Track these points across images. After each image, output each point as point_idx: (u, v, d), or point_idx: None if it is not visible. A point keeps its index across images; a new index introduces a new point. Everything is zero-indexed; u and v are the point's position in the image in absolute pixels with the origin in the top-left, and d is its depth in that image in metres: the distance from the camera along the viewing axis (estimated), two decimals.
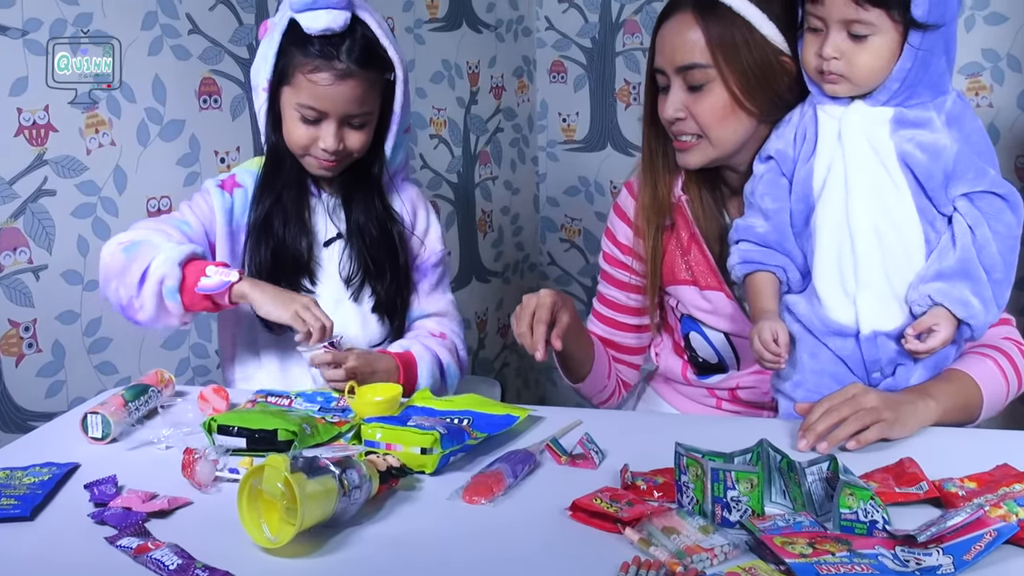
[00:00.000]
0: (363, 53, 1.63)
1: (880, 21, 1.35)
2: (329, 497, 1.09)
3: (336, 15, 1.61)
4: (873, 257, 1.39)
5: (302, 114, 1.65)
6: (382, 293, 1.75)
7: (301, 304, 1.57)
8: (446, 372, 1.77)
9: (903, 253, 1.39)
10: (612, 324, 1.78)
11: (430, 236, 1.83)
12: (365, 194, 1.75)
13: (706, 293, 1.65)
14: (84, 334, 1.98)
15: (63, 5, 1.88)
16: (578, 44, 3.18)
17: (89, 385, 1.98)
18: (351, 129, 1.67)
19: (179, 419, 1.46)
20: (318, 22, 1.60)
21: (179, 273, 1.57)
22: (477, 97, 2.99)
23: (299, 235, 1.71)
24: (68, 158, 1.93)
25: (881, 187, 1.38)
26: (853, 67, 1.37)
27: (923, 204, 1.38)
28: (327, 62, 1.61)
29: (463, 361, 1.82)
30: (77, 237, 1.95)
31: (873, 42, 1.36)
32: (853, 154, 1.39)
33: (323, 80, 1.62)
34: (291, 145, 1.68)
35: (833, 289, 1.41)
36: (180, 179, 2.12)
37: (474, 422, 1.39)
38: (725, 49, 1.49)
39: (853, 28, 1.36)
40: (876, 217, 1.38)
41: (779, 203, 1.46)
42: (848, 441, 1.29)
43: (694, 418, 1.67)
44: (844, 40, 1.37)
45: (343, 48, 1.62)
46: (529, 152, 3.25)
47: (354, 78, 1.63)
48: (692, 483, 1.13)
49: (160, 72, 2.06)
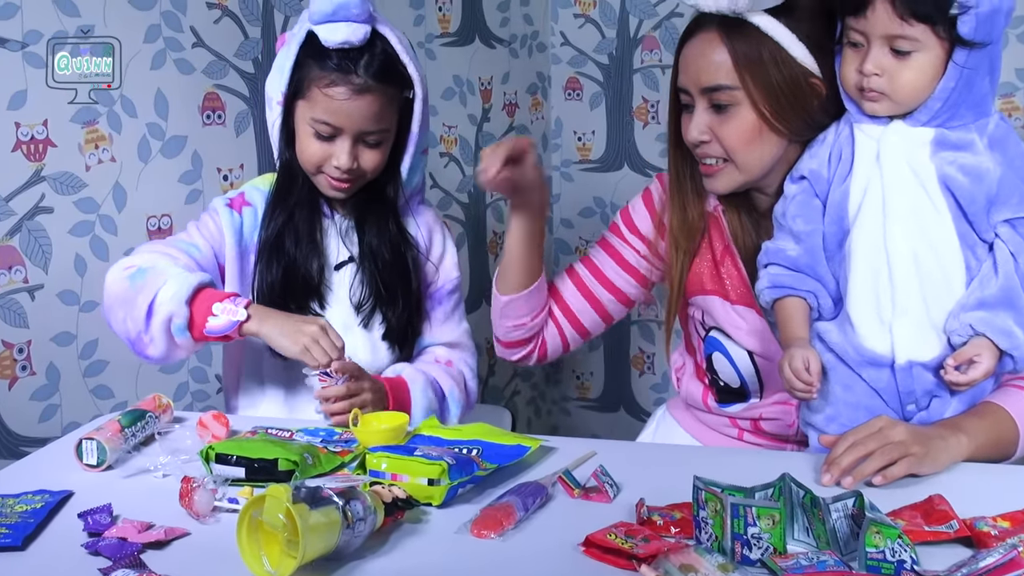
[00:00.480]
0: (381, 68, 1.64)
1: (925, 37, 1.34)
2: (332, 529, 1.09)
3: (356, 28, 1.62)
4: (911, 283, 1.38)
5: (316, 129, 1.65)
6: (393, 320, 1.75)
7: (310, 337, 1.56)
8: (447, 398, 1.76)
9: (942, 279, 1.38)
10: (585, 293, 1.78)
11: (445, 262, 1.83)
12: (379, 216, 1.75)
13: (736, 308, 1.65)
14: (80, 357, 1.98)
15: (64, 17, 1.90)
16: (594, 60, 3.20)
17: (84, 410, 1.98)
18: (366, 147, 1.68)
19: (177, 446, 1.46)
20: (337, 35, 1.62)
21: (186, 311, 1.58)
22: (489, 114, 3.01)
23: (310, 256, 1.71)
24: (66, 174, 1.94)
25: (920, 210, 1.38)
26: (895, 85, 1.37)
27: (964, 229, 1.38)
28: (344, 76, 1.62)
29: (471, 392, 1.81)
30: (74, 256, 1.96)
31: (917, 59, 1.35)
32: (892, 176, 1.39)
33: (339, 94, 1.63)
34: (303, 162, 1.69)
35: (868, 316, 1.41)
36: (181, 197, 2.13)
37: (483, 452, 1.39)
38: (752, 69, 1.50)
39: (896, 44, 1.35)
40: (915, 241, 1.38)
41: (812, 225, 1.46)
42: (875, 476, 1.29)
43: (714, 450, 1.66)
44: (886, 56, 1.36)
45: (361, 62, 1.63)
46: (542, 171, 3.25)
47: (371, 93, 1.64)
48: (711, 519, 1.12)
49: (162, 86, 2.07)
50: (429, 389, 1.72)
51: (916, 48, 1.35)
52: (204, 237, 1.70)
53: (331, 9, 1.61)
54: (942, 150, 1.38)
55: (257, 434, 1.50)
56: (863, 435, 1.31)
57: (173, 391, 2.14)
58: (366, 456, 1.32)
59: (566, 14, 3.20)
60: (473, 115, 2.95)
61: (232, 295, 1.61)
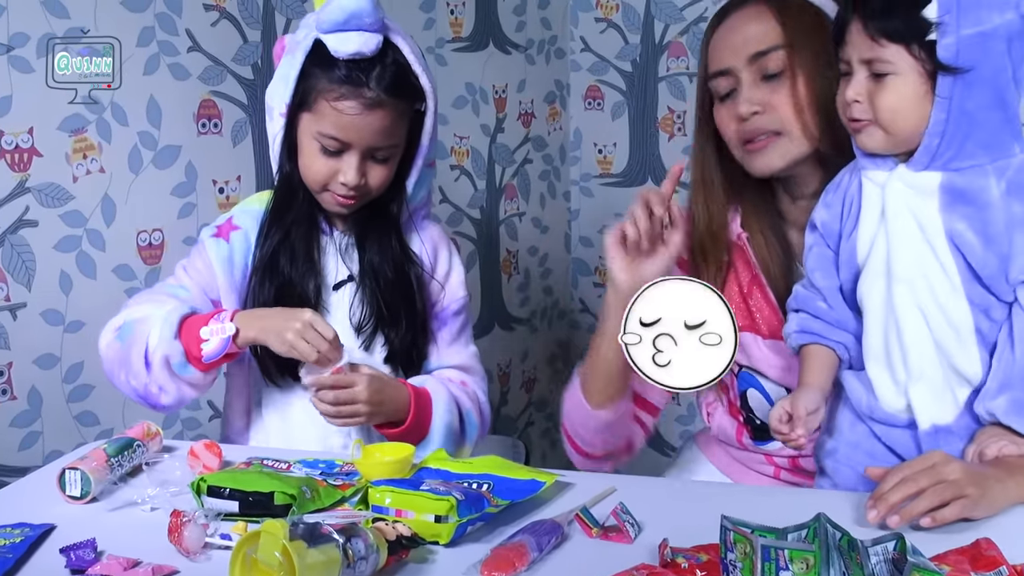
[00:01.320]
0: (394, 81, 1.65)
1: (899, 59, 1.33)
2: (331, 568, 1.09)
3: (368, 38, 1.63)
4: (923, 346, 1.37)
5: (323, 144, 1.66)
6: (396, 342, 1.75)
7: (295, 333, 1.59)
8: (465, 419, 1.76)
9: (956, 343, 1.37)
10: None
11: (451, 280, 1.83)
12: (381, 233, 1.76)
13: (769, 343, 1.65)
14: (64, 380, 1.99)
15: (53, 19, 1.92)
16: (617, 68, 3.21)
17: (68, 437, 1.99)
18: (374, 163, 1.69)
19: (166, 477, 1.46)
20: (348, 45, 1.62)
21: (179, 347, 1.62)
22: (504, 124, 3.02)
23: (307, 276, 1.72)
24: (52, 186, 1.95)
25: (928, 271, 1.36)
26: (876, 110, 1.36)
27: (976, 292, 1.35)
28: (355, 89, 1.63)
29: (485, 416, 1.82)
30: (60, 273, 1.97)
31: (894, 82, 1.34)
32: (897, 232, 1.37)
33: (349, 109, 1.63)
34: (308, 179, 1.69)
35: (884, 378, 1.41)
36: (174, 211, 2.14)
37: (495, 487, 1.39)
38: (805, 33, 1.55)
39: (874, 67, 1.36)
40: (923, 303, 1.36)
41: (829, 280, 1.47)
42: (923, 518, 1.27)
43: (743, 488, 1.66)
44: (866, 80, 1.37)
45: (373, 74, 1.64)
46: (561, 186, 3.26)
47: (383, 108, 1.65)
48: (740, 562, 1.12)
49: (156, 93, 2.09)
50: (453, 405, 1.74)
51: (893, 70, 1.34)
52: (191, 277, 1.73)
53: (343, 18, 1.61)
54: (951, 201, 1.34)
55: (252, 465, 1.50)
56: (915, 470, 1.30)
57: (163, 419, 2.15)
58: (369, 490, 1.32)
59: (587, 18, 3.21)
60: (486, 125, 2.96)
61: (215, 313, 1.64)
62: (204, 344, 1.61)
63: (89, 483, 1.41)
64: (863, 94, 1.37)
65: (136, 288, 2.07)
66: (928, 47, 1.31)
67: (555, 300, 3.29)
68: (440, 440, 1.69)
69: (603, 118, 3.24)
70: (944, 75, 1.31)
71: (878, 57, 1.34)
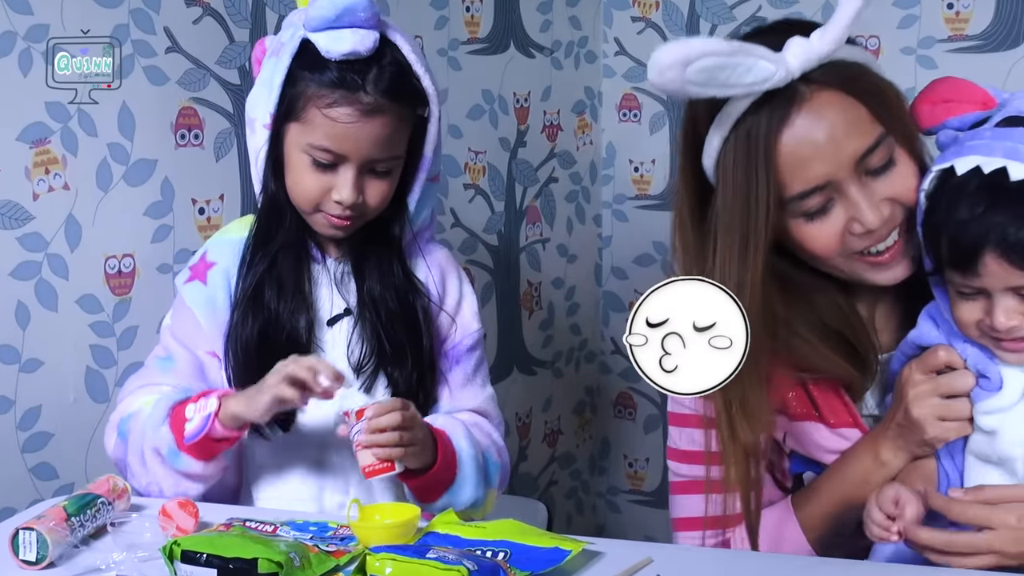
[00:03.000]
0: (394, 83, 1.66)
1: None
2: None
3: (364, 35, 1.64)
4: None
5: (314, 157, 1.67)
6: (401, 382, 1.75)
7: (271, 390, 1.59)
8: (487, 458, 1.75)
9: None
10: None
11: (463, 312, 1.84)
12: (381, 258, 1.77)
13: (840, 432, 1.63)
14: (18, 427, 2.00)
15: (13, 15, 1.94)
16: None
17: (22, 493, 1.99)
18: (373, 177, 1.69)
19: (134, 540, 1.46)
20: (341, 44, 1.64)
21: (168, 434, 1.65)
22: (526, 138, 3.03)
23: (297, 310, 1.73)
24: (9, 204, 1.97)
25: None
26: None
27: None
28: (350, 94, 1.64)
29: (505, 460, 1.81)
30: (16, 303, 1.98)
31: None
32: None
33: (344, 116, 1.64)
34: (298, 198, 1.70)
35: None
36: (148, 233, 2.15)
37: (512, 556, 1.39)
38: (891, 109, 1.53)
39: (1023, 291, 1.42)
40: None
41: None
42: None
43: (793, 560, 1.65)
44: (1017, 303, 1.42)
45: (370, 76, 1.65)
46: (590, 209, 3.27)
47: (382, 114, 1.66)
48: None
49: (128, 99, 2.10)
50: (472, 437, 1.73)
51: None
52: (178, 340, 1.76)
53: (334, 14, 1.63)
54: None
55: (233, 527, 1.50)
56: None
57: None
58: (366, 557, 1.32)
59: (622, 17, 3.23)
60: (506, 139, 2.97)
61: (205, 393, 1.66)
62: (187, 423, 1.63)
63: (46, 546, 1.41)
64: (1017, 317, 1.42)
65: (103, 323, 2.08)
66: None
67: (583, 340, 3.29)
68: (472, 478, 1.69)
69: (640, 131, 3.25)
70: None
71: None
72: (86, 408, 2.07)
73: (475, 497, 1.71)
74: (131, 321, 2.12)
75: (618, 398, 3.30)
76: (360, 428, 1.58)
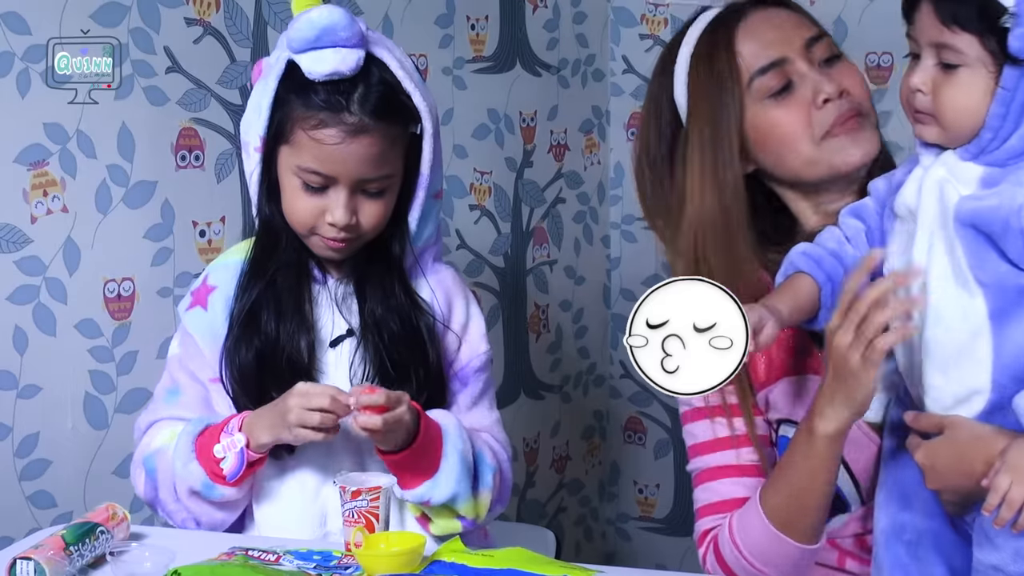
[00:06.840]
0: (381, 102, 1.67)
1: (971, 50, 1.39)
2: None
3: (346, 55, 1.65)
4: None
5: (304, 180, 1.68)
6: None
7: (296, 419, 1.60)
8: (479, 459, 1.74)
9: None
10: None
11: (471, 333, 1.83)
12: (383, 279, 1.77)
13: (807, 377, 1.66)
14: (16, 454, 2.00)
15: (11, 35, 1.95)
16: None
17: (19, 521, 1.99)
18: (367, 198, 1.70)
19: (134, 570, 1.46)
20: (323, 65, 1.64)
21: (200, 472, 1.67)
22: (532, 158, 3.03)
23: (297, 332, 1.73)
24: (7, 227, 1.97)
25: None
26: (940, 106, 1.42)
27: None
28: (335, 115, 1.65)
29: (506, 482, 1.80)
30: (14, 328, 1.99)
31: (964, 76, 1.40)
32: (922, 223, 1.45)
33: (330, 138, 1.65)
34: (293, 221, 1.71)
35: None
36: (147, 257, 2.15)
37: None
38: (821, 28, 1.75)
39: (944, 55, 1.41)
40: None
41: (860, 224, 1.58)
42: None
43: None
44: (934, 68, 1.43)
45: (355, 96, 1.66)
46: (598, 230, 3.27)
47: (369, 134, 1.66)
48: None
49: (128, 120, 2.11)
50: (465, 434, 1.72)
51: (963, 62, 1.40)
52: (184, 371, 1.77)
53: (314, 34, 1.63)
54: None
55: (235, 556, 1.50)
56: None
57: (130, 501, 2.14)
58: None
59: (630, 34, 3.23)
60: (512, 158, 2.97)
61: (223, 425, 1.67)
62: (223, 462, 1.65)
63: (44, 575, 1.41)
64: (928, 84, 1.43)
65: (102, 347, 2.08)
66: (999, 38, 1.37)
67: (591, 364, 3.28)
68: (457, 470, 1.67)
69: None
70: (1011, 67, 1.38)
71: (949, 44, 1.40)
72: (85, 435, 2.07)
73: (459, 492, 1.69)
74: (131, 346, 2.13)
75: (628, 423, 3.30)
76: (353, 507, 1.58)
